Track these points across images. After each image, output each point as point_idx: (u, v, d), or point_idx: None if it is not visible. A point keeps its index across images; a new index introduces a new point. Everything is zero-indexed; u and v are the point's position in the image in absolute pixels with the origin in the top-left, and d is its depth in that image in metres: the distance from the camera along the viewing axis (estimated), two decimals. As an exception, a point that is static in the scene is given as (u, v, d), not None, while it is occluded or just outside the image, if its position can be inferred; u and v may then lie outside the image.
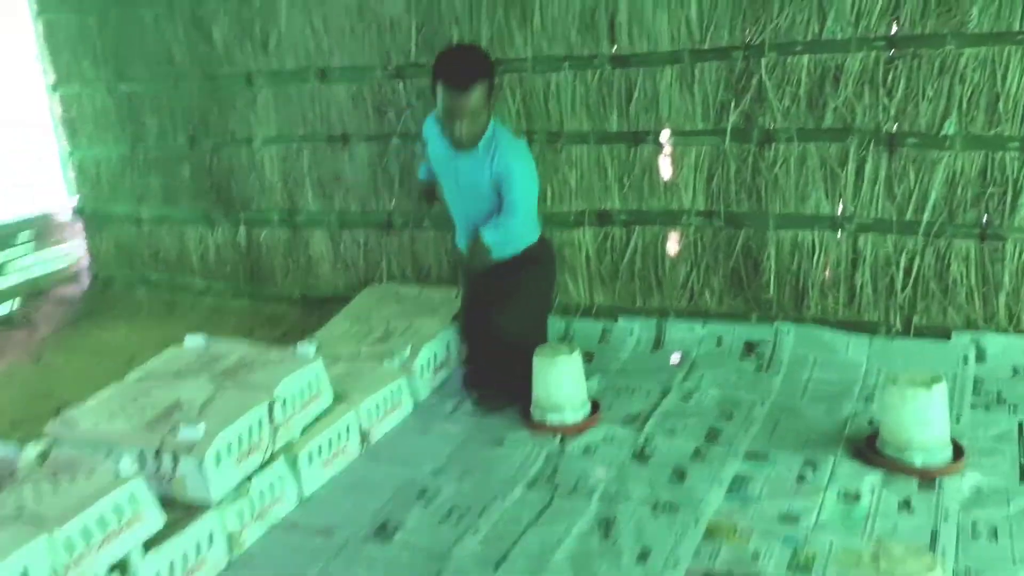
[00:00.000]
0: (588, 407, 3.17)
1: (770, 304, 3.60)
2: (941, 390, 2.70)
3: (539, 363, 3.15)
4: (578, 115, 3.74)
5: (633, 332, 3.80)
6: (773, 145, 3.46)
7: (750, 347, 3.59)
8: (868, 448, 2.80)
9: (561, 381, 3.13)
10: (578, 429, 3.11)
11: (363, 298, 4.13)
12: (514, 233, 3.27)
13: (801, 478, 2.71)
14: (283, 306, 4.58)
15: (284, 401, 2.76)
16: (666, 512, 2.59)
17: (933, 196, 3.26)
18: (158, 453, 2.51)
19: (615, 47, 3.61)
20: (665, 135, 3.63)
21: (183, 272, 4.86)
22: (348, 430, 3.00)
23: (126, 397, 2.84)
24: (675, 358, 3.62)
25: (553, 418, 3.14)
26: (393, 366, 3.36)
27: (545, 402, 3.15)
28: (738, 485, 2.70)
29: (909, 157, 3.27)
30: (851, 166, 3.36)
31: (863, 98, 3.28)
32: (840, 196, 3.41)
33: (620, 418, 3.18)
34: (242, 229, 4.58)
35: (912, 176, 3.28)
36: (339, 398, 3.06)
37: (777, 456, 2.83)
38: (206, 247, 4.74)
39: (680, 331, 3.74)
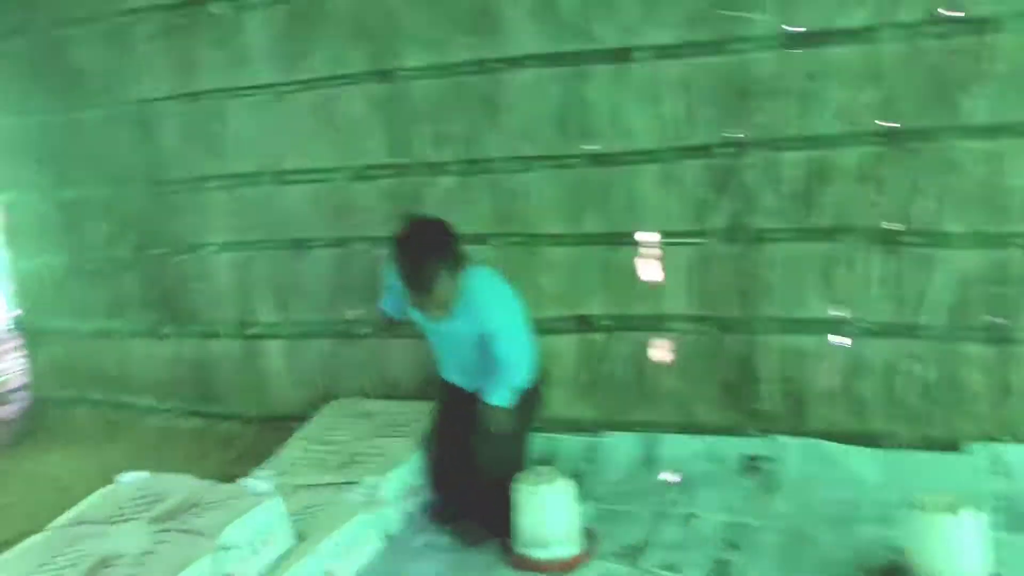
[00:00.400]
0: (579, 541, 2.86)
1: (767, 416, 3.34)
2: (973, 516, 2.44)
3: (522, 494, 2.84)
4: (553, 216, 3.53)
5: (620, 449, 3.51)
6: (763, 246, 3.26)
7: (750, 462, 3.32)
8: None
9: (547, 514, 2.82)
10: (567, 566, 2.79)
11: (324, 416, 3.80)
12: (518, 380, 3.04)
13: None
14: (237, 426, 4.22)
15: (231, 549, 2.42)
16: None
17: (938, 297, 3.07)
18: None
19: (591, 145, 3.43)
20: (647, 236, 3.42)
21: (127, 390, 4.49)
22: (310, 576, 2.66)
23: (53, 548, 2.48)
24: (671, 477, 3.33)
25: (539, 554, 2.82)
26: (358, 498, 3.02)
27: (530, 537, 2.83)
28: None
29: (910, 256, 3.09)
30: (848, 266, 3.17)
31: (858, 195, 3.11)
32: (838, 299, 3.20)
33: (614, 551, 2.88)
34: (192, 343, 4.25)
35: (915, 276, 3.09)
36: (300, 537, 2.72)
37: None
38: (153, 362, 4.38)
39: (673, 447, 3.45)
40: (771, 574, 2.66)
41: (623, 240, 3.45)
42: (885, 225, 3.10)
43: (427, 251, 2.86)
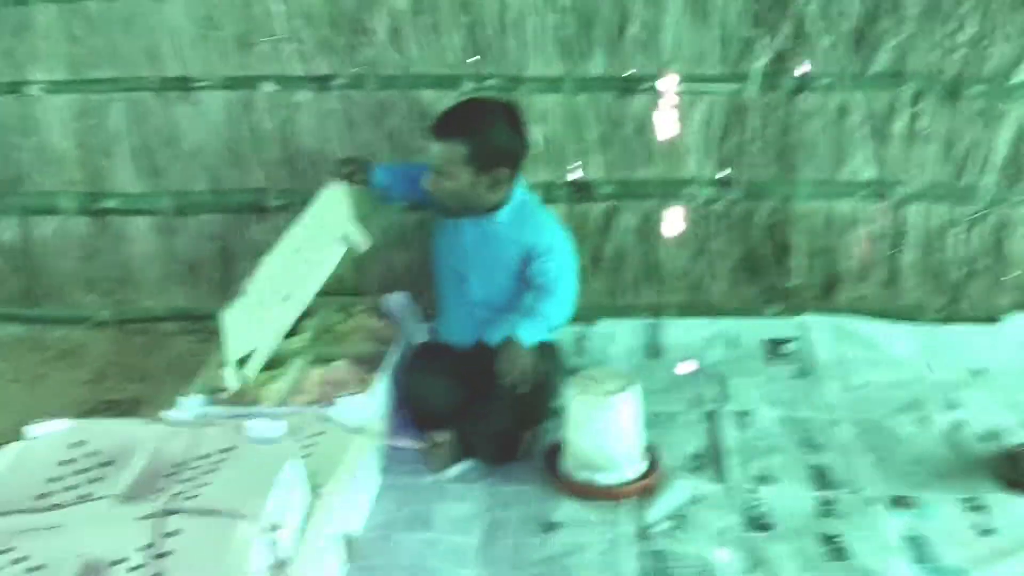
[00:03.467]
0: (646, 456, 2.39)
1: (793, 293, 3.03)
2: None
3: (584, 406, 2.31)
4: (547, 53, 2.87)
5: (617, 338, 3.05)
6: (807, 94, 2.85)
7: (773, 347, 3.00)
8: (1013, 471, 2.32)
9: (620, 428, 2.32)
10: (644, 489, 2.32)
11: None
12: (557, 315, 2.55)
13: (982, 529, 2.15)
14: (80, 332, 3.25)
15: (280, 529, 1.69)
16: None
17: (995, 156, 2.84)
18: None
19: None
20: (668, 81, 2.87)
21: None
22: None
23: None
24: (687, 367, 2.92)
25: (605, 478, 2.31)
26: (344, 424, 2.31)
27: (594, 458, 2.32)
28: (915, 549, 2.10)
29: (973, 109, 2.82)
30: (901, 120, 2.84)
31: (926, 35, 2.75)
32: (886, 157, 2.88)
33: (683, 465, 2.46)
34: (13, 221, 3.16)
35: (977, 132, 2.83)
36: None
37: (924, 501, 2.27)
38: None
39: (680, 332, 3.06)
40: (881, 479, 2.37)
41: (637, 86, 2.88)
42: (950, 72, 2.79)
43: (473, 110, 2.54)
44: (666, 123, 2.91)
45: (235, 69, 2.96)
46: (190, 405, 2.41)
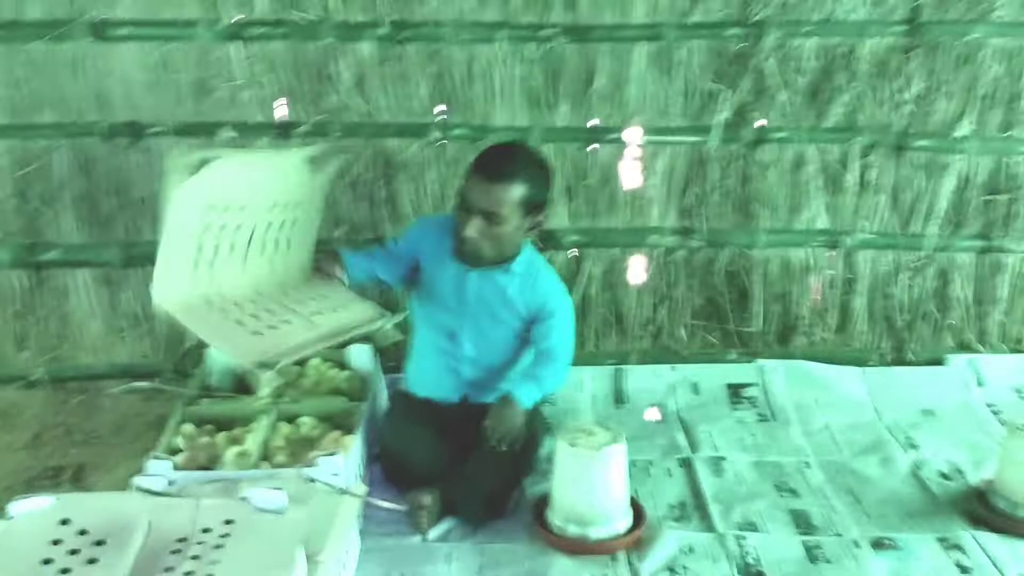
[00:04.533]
0: (631, 507, 2.39)
1: (752, 338, 3.11)
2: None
3: (576, 460, 2.29)
4: (514, 104, 2.89)
5: (584, 385, 3.06)
6: (764, 147, 2.95)
7: (734, 392, 3.06)
8: (984, 509, 2.42)
9: (612, 481, 2.31)
10: (636, 541, 2.31)
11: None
12: (554, 380, 2.53)
13: (962, 567, 2.23)
14: (14, 394, 3.03)
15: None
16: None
17: (939, 205, 3.01)
18: None
19: (571, 14, 2.82)
20: (632, 133, 2.93)
21: None
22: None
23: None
24: (653, 415, 2.95)
25: (597, 532, 2.29)
26: (327, 488, 2.22)
27: (586, 513, 2.30)
28: (906, 593, 2.15)
29: (919, 162, 2.98)
30: (852, 172, 2.98)
31: (875, 91, 2.91)
32: (839, 207, 3.02)
33: (667, 514, 2.46)
34: (-63, 275, 2.93)
35: (921, 183, 2.99)
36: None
37: (904, 542, 2.32)
38: None
39: (644, 379, 3.10)
40: (854, 520, 2.43)
41: (602, 137, 2.93)
42: (898, 127, 2.95)
43: (520, 153, 2.46)
44: (630, 173, 2.98)
45: (190, 115, 2.86)
46: (159, 470, 2.30)
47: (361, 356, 2.85)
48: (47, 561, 1.64)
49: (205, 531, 1.74)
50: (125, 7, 2.75)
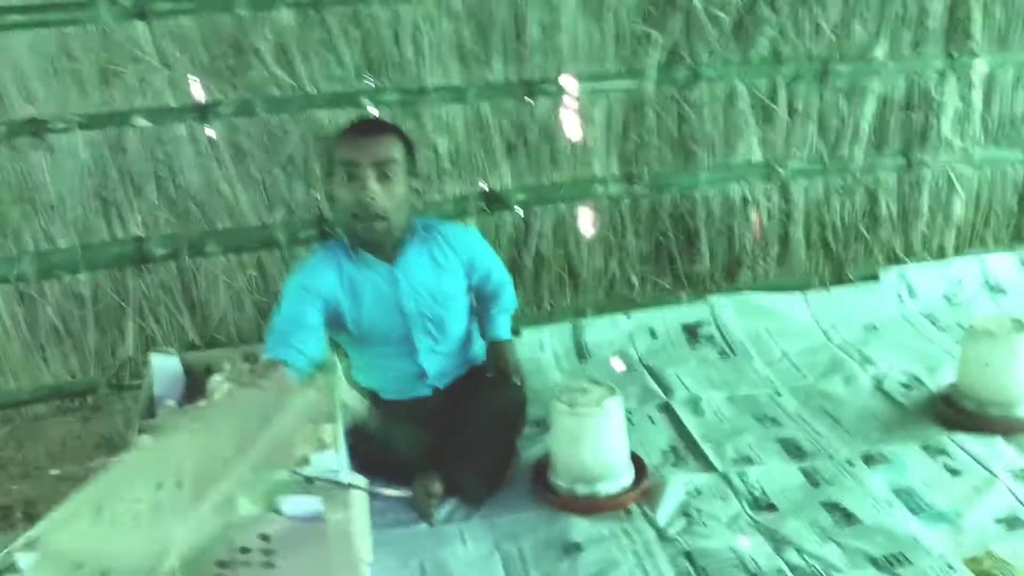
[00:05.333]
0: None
1: (701, 278, 3.15)
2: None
3: (579, 419, 2.25)
4: (445, 62, 2.78)
5: (545, 344, 3.02)
6: (697, 85, 2.96)
7: (690, 331, 3.09)
8: (954, 412, 2.54)
9: (615, 435, 2.29)
10: (643, 494, 2.30)
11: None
12: (514, 309, 2.59)
13: (951, 470, 2.33)
14: (-73, 432, 2.71)
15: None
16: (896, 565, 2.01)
17: (864, 129, 3.11)
18: None
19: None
20: (568, 82, 2.87)
21: None
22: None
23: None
24: (618, 364, 2.94)
25: (606, 488, 2.27)
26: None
27: (594, 470, 2.26)
28: (907, 500, 2.22)
29: (841, 87, 3.07)
30: (780, 102, 3.03)
31: (796, 22, 2.95)
32: (770, 139, 3.07)
33: (663, 460, 2.46)
34: None
35: (845, 108, 3.08)
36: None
37: (892, 454, 2.42)
38: None
39: (602, 330, 3.09)
40: (840, 440, 2.50)
41: (538, 89, 2.86)
42: (819, 54, 3.02)
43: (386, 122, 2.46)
44: (570, 125, 2.93)
45: (97, 106, 2.60)
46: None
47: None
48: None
49: (244, 551, 1.61)
50: (10, -11, 2.46)
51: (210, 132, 2.69)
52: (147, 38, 2.57)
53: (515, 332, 2.83)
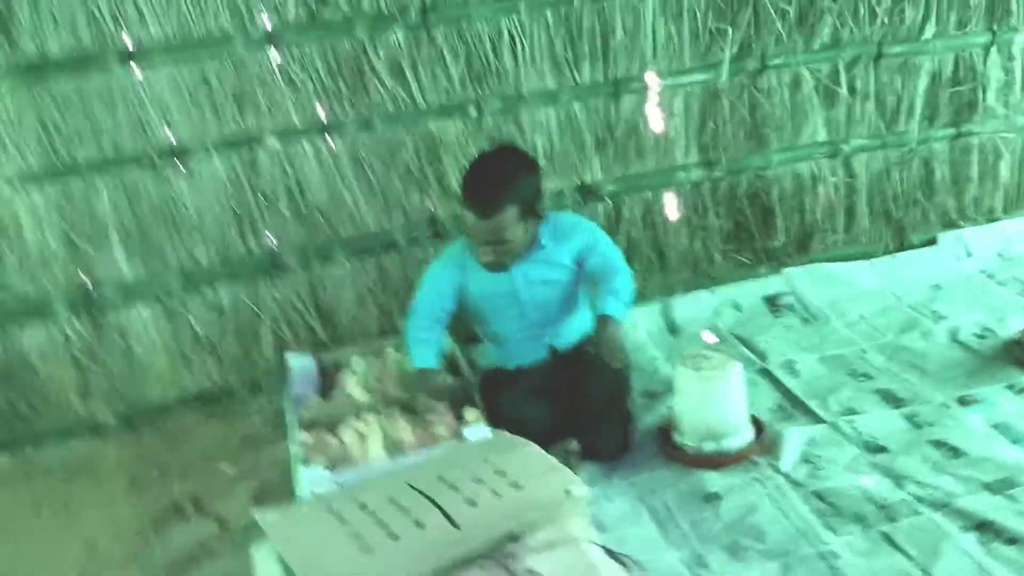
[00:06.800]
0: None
1: (777, 251, 3.42)
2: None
3: (703, 382, 2.51)
4: (540, 68, 3.03)
5: (638, 324, 3.27)
6: (766, 74, 3.23)
7: (771, 302, 3.35)
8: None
9: (738, 395, 2.56)
10: (765, 447, 2.56)
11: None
12: (630, 287, 2.63)
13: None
14: (82, 447, 2.96)
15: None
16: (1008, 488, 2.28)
17: (918, 103, 3.39)
18: None
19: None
20: (650, 79, 3.13)
21: None
22: None
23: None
24: (710, 337, 3.20)
25: (732, 443, 2.53)
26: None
27: (717, 429, 2.53)
28: (1005, 434, 2.50)
29: (895, 67, 3.34)
30: (843, 84, 3.30)
31: (854, 10, 3.22)
32: (834, 119, 3.35)
33: (775, 417, 2.74)
34: (-11, 341, 2.83)
35: (899, 86, 3.36)
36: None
37: (981, 395, 2.70)
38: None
39: (689, 307, 3.35)
40: (931, 387, 2.77)
41: (624, 88, 3.12)
42: (875, 37, 3.29)
43: (498, 170, 2.49)
44: (653, 118, 3.19)
45: (232, 130, 2.84)
46: (316, 478, 2.35)
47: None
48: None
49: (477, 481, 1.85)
50: (152, 28, 2.68)
51: (333, 147, 2.93)
52: (276, 64, 2.82)
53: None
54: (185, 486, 2.78)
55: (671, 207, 3.29)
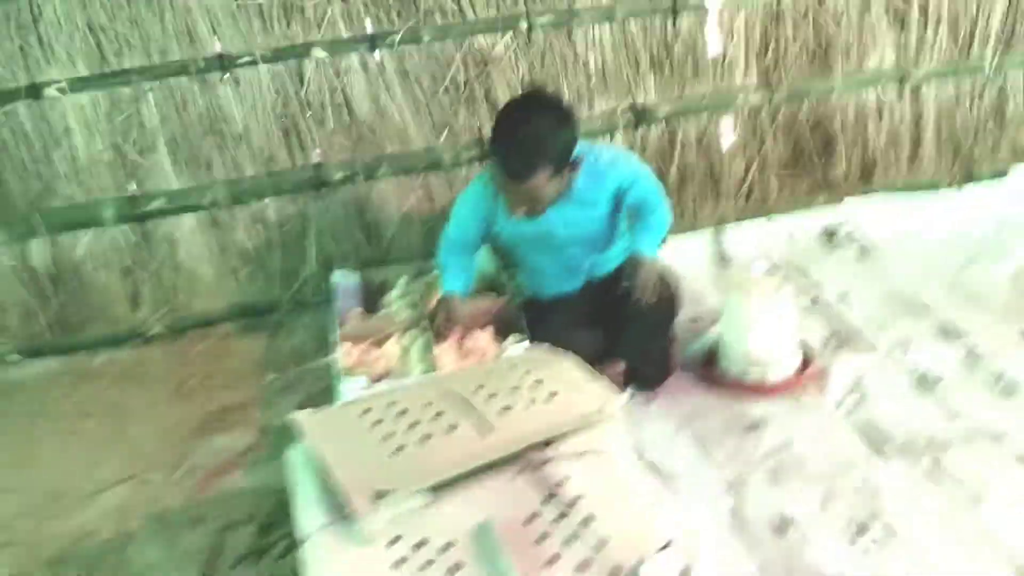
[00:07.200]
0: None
1: (837, 181, 3.30)
2: None
3: (750, 306, 2.44)
4: (596, -18, 2.94)
5: (687, 253, 3.20)
6: (833, -7, 3.10)
7: (828, 233, 3.26)
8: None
9: (789, 321, 2.49)
10: (814, 375, 2.50)
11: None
12: (665, 223, 2.55)
13: None
14: (130, 354, 3.01)
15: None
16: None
17: (993, 30, 3.22)
18: None
19: None
20: (710, -2, 3.03)
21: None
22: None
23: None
24: (760, 266, 3.11)
25: (779, 372, 2.47)
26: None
27: (764, 355, 2.47)
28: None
29: (970, -12, 3.18)
30: (915, 8, 3.14)
31: (928, -75, 3.06)
32: (903, 44, 3.19)
33: (826, 346, 2.66)
34: (41, 243, 2.85)
35: (974, 9, 3.18)
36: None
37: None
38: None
39: (742, 236, 3.28)
40: (990, 321, 2.68)
41: (682, 5, 3.01)
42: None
43: (530, 132, 2.30)
44: (712, 39, 3.08)
45: (279, 40, 2.80)
46: (354, 386, 2.36)
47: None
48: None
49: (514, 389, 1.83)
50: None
51: (380, 60, 2.87)
52: (324, -27, 2.78)
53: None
54: (229, 395, 2.81)
55: (727, 132, 3.19)
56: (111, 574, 2.12)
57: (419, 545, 1.50)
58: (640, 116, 3.09)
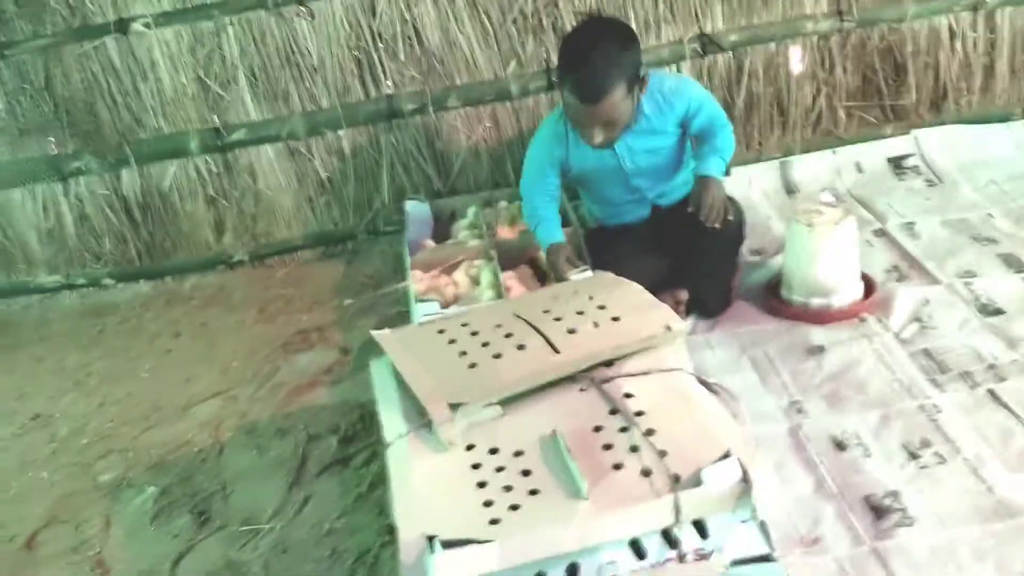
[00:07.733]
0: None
1: (906, 111, 3.27)
2: None
3: (814, 236, 2.48)
4: (664, -93, 2.93)
5: (752, 182, 3.23)
6: (906, -87, 3.03)
7: (896, 164, 3.24)
8: None
9: (853, 250, 2.52)
10: (875, 305, 2.54)
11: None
12: (731, 145, 2.57)
13: None
14: (216, 278, 3.21)
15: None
16: None
17: (1077, -51, 3.13)
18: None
19: None
20: (780, -80, 2.99)
21: (15, 268, 3.17)
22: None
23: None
24: (827, 198, 3.14)
25: (841, 300, 2.52)
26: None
27: (827, 284, 2.51)
28: None
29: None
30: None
31: None
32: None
33: (888, 277, 2.68)
34: (129, 174, 3.02)
35: (1058, -71, 3.09)
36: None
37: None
38: (59, 215, 3.08)
39: (809, 167, 3.27)
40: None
41: (753, -69, 2.99)
42: None
43: (601, 52, 2.34)
44: (781, -36, 3.06)
45: (351, -28, 2.90)
46: (427, 309, 2.48)
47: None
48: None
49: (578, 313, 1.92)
50: None
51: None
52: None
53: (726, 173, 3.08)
54: (310, 317, 2.98)
55: (796, 60, 3.18)
56: (206, 480, 2.31)
57: (493, 452, 1.62)
58: (706, 45, 3.10)
